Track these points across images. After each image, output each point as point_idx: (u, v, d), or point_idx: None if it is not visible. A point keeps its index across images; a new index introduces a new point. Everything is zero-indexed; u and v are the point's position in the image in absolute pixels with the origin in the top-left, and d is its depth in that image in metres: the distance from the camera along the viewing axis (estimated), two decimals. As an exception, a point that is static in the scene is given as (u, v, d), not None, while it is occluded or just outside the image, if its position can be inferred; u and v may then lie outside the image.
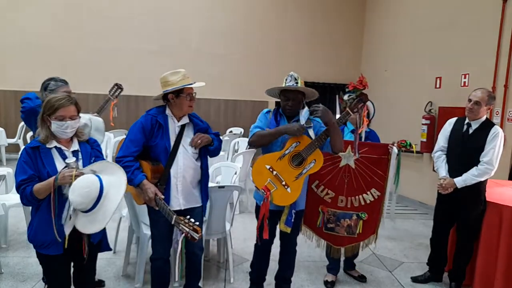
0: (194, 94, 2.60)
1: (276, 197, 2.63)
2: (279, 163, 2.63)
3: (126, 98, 7.88)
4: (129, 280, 3.34)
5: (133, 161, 2.53)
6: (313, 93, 2.76)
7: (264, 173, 2.62)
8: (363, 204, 3.15)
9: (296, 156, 2.64)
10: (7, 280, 3.22)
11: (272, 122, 2.77)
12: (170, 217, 2.36)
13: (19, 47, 7.84)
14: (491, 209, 3.11)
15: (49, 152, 2.16)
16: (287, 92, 2.73)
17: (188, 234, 2.25)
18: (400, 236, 4.77)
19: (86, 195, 2.00)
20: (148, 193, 2.45)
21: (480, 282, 3.16)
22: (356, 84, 3.22)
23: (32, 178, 2.10)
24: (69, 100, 2.14)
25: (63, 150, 2.19)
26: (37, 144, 2.14)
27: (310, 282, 3.46)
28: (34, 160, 2.12)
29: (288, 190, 2.63)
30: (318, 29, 8.51)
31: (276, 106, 2.90)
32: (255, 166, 2.63)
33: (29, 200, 2.09)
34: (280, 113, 2.85)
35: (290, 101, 2.71)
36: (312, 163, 2.64)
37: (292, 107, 2.73)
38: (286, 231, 2.76)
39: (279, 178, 2.62)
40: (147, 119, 2.57)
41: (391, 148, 3.06)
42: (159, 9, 8.16)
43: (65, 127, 2.12)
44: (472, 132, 3.14)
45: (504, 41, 4.80)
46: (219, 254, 3.79)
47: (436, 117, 5.86)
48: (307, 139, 2.64)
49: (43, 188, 2.06)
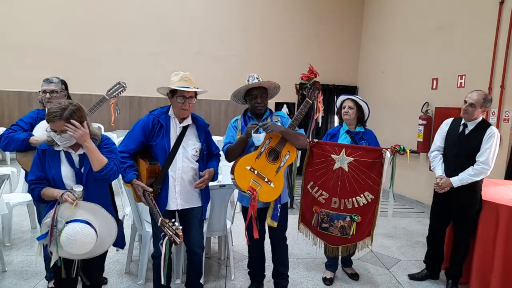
0: (194, 99, 2.60)
1: (262, 194, 2.69)
2: (258, 162, 2.70)
3: (129, 98, 7.93)
4: (132, 277, 3.39)
5: (128, 158, 2.56)
6: (275, 87, 2.89)
7: (246, 175, 2.68)
8: (357, 206, 3.15)
9: (272, 152, 2.73)
10: (11, 278, 3.26)
11: (244, 128, 2.83)
12: (157, 218, 2.38)
13: (22, 48, 7.86)
14: (488, 208, 3.14)
15: (56, 155, 2.20)
16: (254, 90, 2.82)
17: (171, 238, 2.26)
18: (397, 234, 4.82)
19: (81, 249, 2.09)
20: (137, 191, 2.50)
21: (477, 280, 3.19)
22: (307, 74, 3.27)
23: (40, 180, 2.17)
24: (55, 116, 2.08)
25: (70, 153, 2.22)
26: (46, 147, 2.19)
27: (308, 279, 3.51)
28: (43, 161, 2.18)
29: (272, 185, 2.72)
30: (317, 30, 8.57)
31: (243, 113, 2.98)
32: (236, 170, 2.67)
33: (36, 199, 2.18)
34: (249, 115, 2.92)
35: (258, 98, 2.82)
36: (287, 155, 2.76)
37: (262, 103, 2.83)
38: (273, 225, 2.84)
39: (261, 176, 2.69)
40: (149, 119, 2.61)
41: (384, 153, 3.07)
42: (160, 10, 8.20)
43: (57, 139, 2.13)
44: (468, 133, 3.18)
45: (500, 42, 4.85)
46: (220, 252, 3.84)
47: (433, 118, 5.92)
48: (277, 135, 2.73)
49: (49, 195, 2.15)
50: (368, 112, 3.36)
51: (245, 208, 2.95)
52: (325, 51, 8.56)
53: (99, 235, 2.15)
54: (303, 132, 2.89)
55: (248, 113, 2.94)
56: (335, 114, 7.67)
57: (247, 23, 8.49)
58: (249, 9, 8.47)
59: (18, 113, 7.88)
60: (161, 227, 2.35)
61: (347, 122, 3.36)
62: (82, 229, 2.06)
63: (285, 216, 2.97)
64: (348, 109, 3.30)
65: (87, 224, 2.10)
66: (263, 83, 2.82)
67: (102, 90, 3.30)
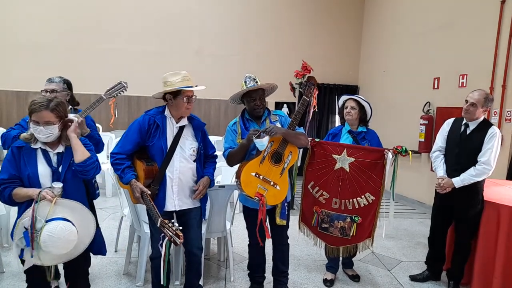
0: (194, 97, 2.60)
1: (270, 198, 2.72)
2: (262, 167, 2.71)
3: (128, 98, 7.91)
4: (130, 278, 3.37)
5: (125, 159, 2.54)
6: (272, 88, 2.90)
7: (252, 181, 2.68)
8: (357, 207, 3.14)
9: (274, 154, 2.75)
10: (9, 279, 3.24)
11: (243, 131, 2.83)
12: (156, 219, 2.35)
13: (21, 48, 7.83)
14: (489, 209, 3.13)
15: (33, 153, 2.13)
16: (252, 92, 2.81)
17: (171, 238, 2.23)
18: (398, 235, 4.80)
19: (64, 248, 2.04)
20: (135, 192, 2.47)
21: (478, 281, 3.17)
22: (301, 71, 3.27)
23: (13, 179, 2.08)
24: (42, 106, 2.05)
25: (47, 151, 2.15)
26: (22, 144, 2.12)
27: (309, 281, 3.49)
28: (17, 159, 2.10)
29: (278, 188, 2.75)
30: (318, 30, 8.54)
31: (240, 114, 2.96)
32: (243, 178, 2.68)
33: (6, 201, 2.08)
34: (247, 118, 2.91)
35: (257, 100, 2.81)
36: (290, 155, 2.79)
37: (261, 105, 2.84)
38: (282, 224, 2.88)
39: (266, 180, 2.71)
40: (145, 119, 2.57)
41: (386, 154, 3.04)
42: (160, 10, 8.18)
43: (38, 131, 2.07)
44: (470, 133, 3.16)
45: (502, 41, 4.82)
46: (220, 253, 3.82)
47: (434, 118, 5.89)
48: (278, 137, 2.73)
49: (22, 195, 2.07)
50: (370, 112, 3.34)
51: (246, 209, 2.95)
52: (325, 50, 8.53)
53: (79, 233, 2.10)
54: (303, 131, 2.89)
55: (246, 115, 2.93)
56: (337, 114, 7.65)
57: (247, 23, 8.46)
58: (248, 9, 8.45)
59: (16, 113, 7.85)
60: (160, 228, 2.32)
61: (349, 122, 3.34)
62: (65, 226, 2.02)
63: (289, 215, 2.99)
64: (351, 109, 3.28)
65: (68, 221, 2.05)
66: (262, 86, 2.81)
67: (101, 90, 3.26)
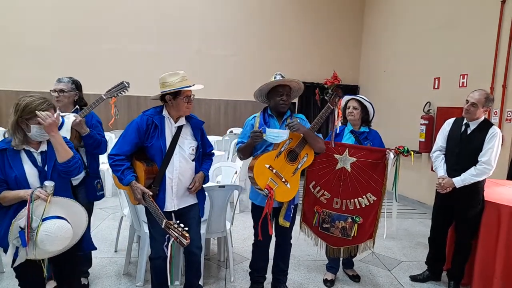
0: (192, 96, 2.59)
1: (279, 194, 2.71)
2: (277, 161, 2.71)
3: (127, 98, 7.89)
4: (130, 278, 3.36)
5: (124, 160, 2.51)
6: (299, 89, 2.89)
7: (265, 172, 2.68)
8: (358, 207, 3.13)
9: (291, 152, 2.74)
10: (8, 279, 3.23)
11: (262, 125, 2.81)
12: (161, 220, 2.34)
13: (21, 48, 7.83)
14: (490, 209, 3.12)
15: (18, 155, 2.11)
16: (280, 87, 2.78)
17: (177, 239, 2.23)
18: (399, 235, 4.79)
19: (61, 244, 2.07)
20: (136, 194, 2.45)
21: (479, 281, 3.17)
22: (331, 79, 3.27)
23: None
24: (49, 105, 2.11)
25: (32, 152, 2.15)
26: (5, 146, 2.11)
27: (309, 281, 3.48)
28: (1, 162, 2.08)
29: (288, 186, 2.74)
30: (318, 30, 8.53)
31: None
32: (256, 167, 2.68)
33: None
34: (269, 113, 2.89)
35: (284, 95, 2.79)
36: (305, 157, 2.78)
37: (287, 101, 2.81)
38: (285, 225, 2.87)
39: (279, 176, 2.71)
40: (143, 119, 2.55)
41: (388, 154, 3.04)
42: (159, 10, 8.18)
43: (40, 132, 2.09)
44: (470, 132, 3.16)
45: (502, 41, 4.82)
46: (220, 253, 3.81)
47: (435, 117, 5.88)
48: (298, 136, 2.73)
49: (10, 198, 2.06)
50: (373, 113, 3.34)
51: (255, 207, 2.94)
52: (326, 50, 8.53)
53: (73, 228, 2.12)
54: (321, 136, 2.89)
55: (269, 111, 2.90)
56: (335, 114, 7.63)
57: (247, 23, 8.45)
58: (249, 9, 8.44)
59: (17, 113, 7.85)
60: (165, 230, 2.31)
61: (351, 122, 3.34)
62: (61, 224, 2.04)
63: (295, 217, 2.99)
64: (353, 109, 3.28)
65: (63, 219, 2.07)
66: (292, 81, 2.80)
67: (101, 89, 3.26)
